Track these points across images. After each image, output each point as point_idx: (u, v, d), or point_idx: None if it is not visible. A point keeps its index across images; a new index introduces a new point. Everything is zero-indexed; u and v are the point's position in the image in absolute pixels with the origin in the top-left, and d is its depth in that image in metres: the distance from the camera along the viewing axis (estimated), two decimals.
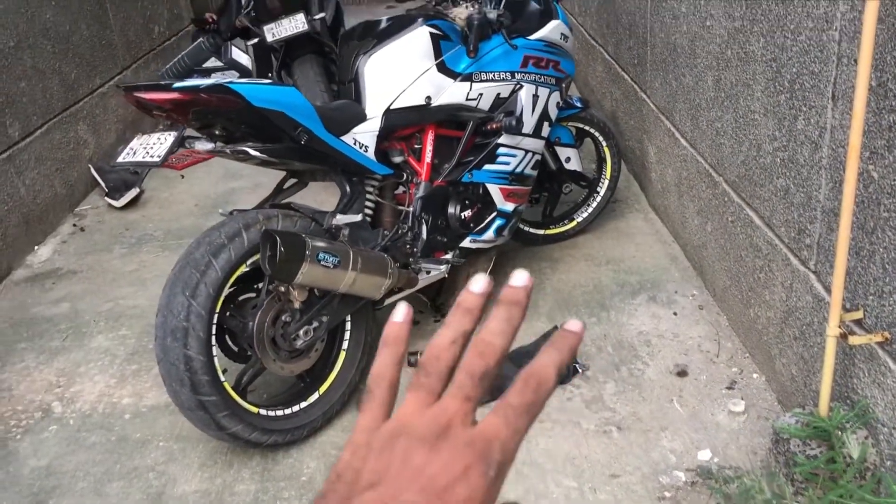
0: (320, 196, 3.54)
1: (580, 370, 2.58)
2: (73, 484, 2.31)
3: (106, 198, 4.31)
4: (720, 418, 2.33)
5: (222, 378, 2.19)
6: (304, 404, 2.40)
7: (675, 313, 2.86)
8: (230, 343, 2.37)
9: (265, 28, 3.95)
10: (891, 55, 1.65)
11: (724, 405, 2.37)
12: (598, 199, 3.42)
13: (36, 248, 3.88)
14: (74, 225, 4.12)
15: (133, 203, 4.29)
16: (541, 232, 3.36)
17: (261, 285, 2.32)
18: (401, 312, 0.51)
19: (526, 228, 3.29)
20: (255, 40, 4.06)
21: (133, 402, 2.66)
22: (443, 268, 2.62)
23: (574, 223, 3.42)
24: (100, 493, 2.27)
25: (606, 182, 3.41)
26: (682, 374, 2.53)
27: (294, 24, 3.93)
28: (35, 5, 4.09)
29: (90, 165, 4.47)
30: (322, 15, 4.07)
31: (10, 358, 2.97)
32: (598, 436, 2.31)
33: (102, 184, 4.39)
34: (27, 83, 3.94)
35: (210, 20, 5.58)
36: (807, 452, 1.85)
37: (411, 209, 2.60)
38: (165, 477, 2.31)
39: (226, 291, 2.19)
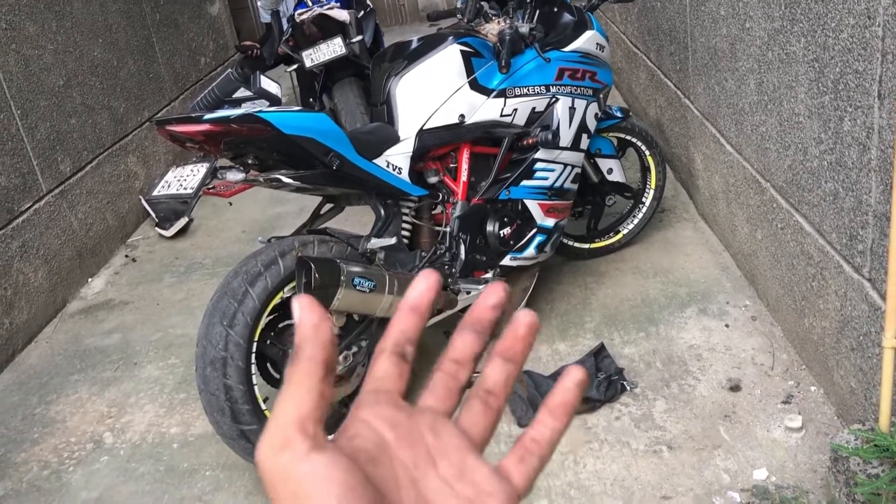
0: (363, 219, 3.54)
1: (628, 387, 2.50)
2: None
3: (156, 228, 4.40)
4: (776, 435, 2.23)
5: (263, 406, 2.19)
6: None
7: (726, 325, 2.76)
8: (272, 371, 2.37)
9: (304, 54, 4.00)
10: None
11: (780, 421, 2.27)
12: (644, 209, 3.34)
13: (89, 280, 3.97)
14: (126, 256, 4.20)
15: (183, 232, 4.36)
16: (585, 246, 3.30)
17: None
18: (426, 279, 0.44)
19: (570, 243, 3.23)
20: (297, 66, 4.11)
21: (181, 432, 2.68)
22: (482, 287, 2.58)
23: (620, 235, 3.34)
24: None
25: (652, 192, 3.33)
26: (735, 388, 2.44)
27: (332, 49, 3.96)
28: (83, 43, 4.21)
29: (140, 197, 4.56)
30: (360, 38, 4.10)
31: (65, 390, 3.03)
32: (648, 456, 2.23)
33: (153, 214, 4.47)
34: (77, 119, 4.05)
35: (253, 49, 5.69)
36: (868, 471, 1.75)
37: (449, 229, 2.57)
38: None
39: (264, 320, 2.20)
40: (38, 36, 3.79)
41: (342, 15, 4.03)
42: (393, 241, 2.36)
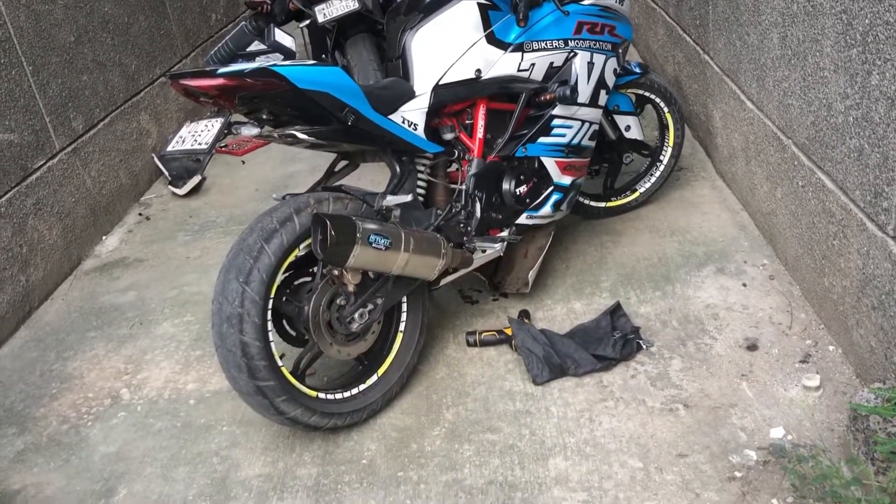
0: (377, 177, 3.52)
1: (644, 346, 2.49)
2: (141, 469, 2.36)
3: (169, 186, 4.39)
4: (794, 394, 2.22)
5: (279, 363, 2.19)
6: (362, 387, 2.39)
7: (744, 284, 2.74)
8: (287, 328, 2.37)
9: (316, 9, 3.92)
10: None
11: (797, 380, 2.26)
12: (662, 168, 3.30)
13: (104, 238, 3.97)
14: (140, 214, 4.20)
15: (196, 190, 4.34)
16: (602, 205, 3.26)
17: (315, 269, 2.31)
18: None
19: (586, 201, 3.20)
20: (308, 22, 4.04)
21: (197, 388, 2.70)
22: (498, 246, 2.56)
23: (636, 194, 3.31)
24: (167, 479, 2.30)
25: (669, 150, 3.28)
26: (752, 347, 2.42)
27: (345, 4, 3.89)
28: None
29: (153, 155, 4.55)
30: None
31: (81, 346, 3.05)
32: (664, 414, 2.23)
33: (165, 172, 4.46)
34: (89, 76, 4.02)
35: (263, 4, 5.60)
36: (888, 430, 1.74)
37: (464, 187, 2.54)
38: (229, 462, 2.33)
39: (280, 276, 2.19)
40: None
41: None
42: (409, 198, 2.34)
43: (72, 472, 2.39)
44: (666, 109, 3.21)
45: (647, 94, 3.17)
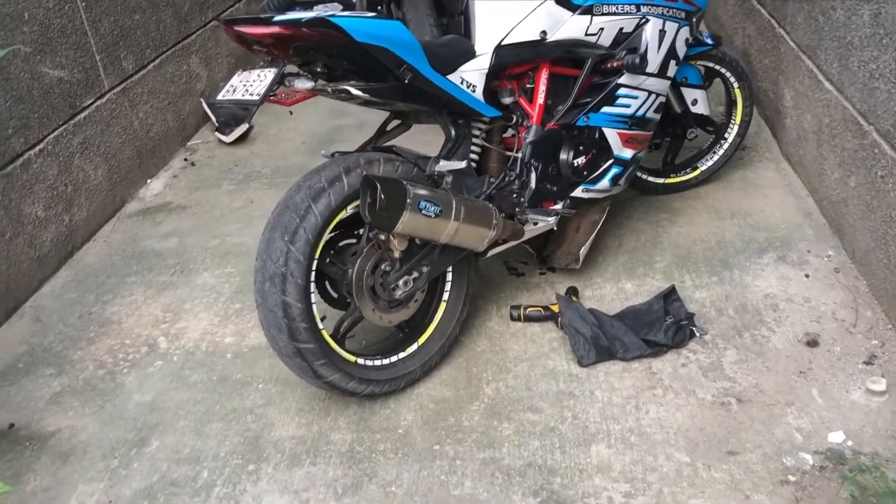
0: (425, 137, 3.41)
1: (697, 334, 2.38)
2: (174, 422, 2.33)
3: (216, 133, 4.33)
4: (856, 397, 2.10)
5: (320, 325, 2.13)
6: (402, 355, 2.32)
7: (806, 275, 2.60)
8: (330, 289, 2.31)
9: None
10: None
11: (861, 382, 2.14)
12: (726, 146, 3.15)
13: (148, 181, 3.94)
14: (185, 159, 4.16)
15: (242, 139, 4.29)
16: (660, 181, 3.13)
17: (361, 231, 2.23)
18: None
19: (644, 176, 3.07)
20: None
21: (235, 342, 2.66)
22: (551, 219, 2.45)
23: (697, 172, 3.16)
24: (200, 433, 2.27)
25: (736, 127, 3.12)
26: (812, 343, 2.30)
27: None
28: None
29: (202, 100, 4.49)
30: None
31: (121, 290, 3.03)
32: (716, 407, 2.13)
33: (213, 118, 4.40)
34: (141, 15, 3.95)
35: None
36: None
37: (520, 155, 2.43)
38: (263, 420, 2.29)
39: (325, 237, 2.11)
40: None
41: None
42: (463, 164, 2.24)
43: (106, 419, 2.37)
44: (736, 85, 3.05)
45: (717, 67, 3.00)
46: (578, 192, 2.58)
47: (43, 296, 3.06)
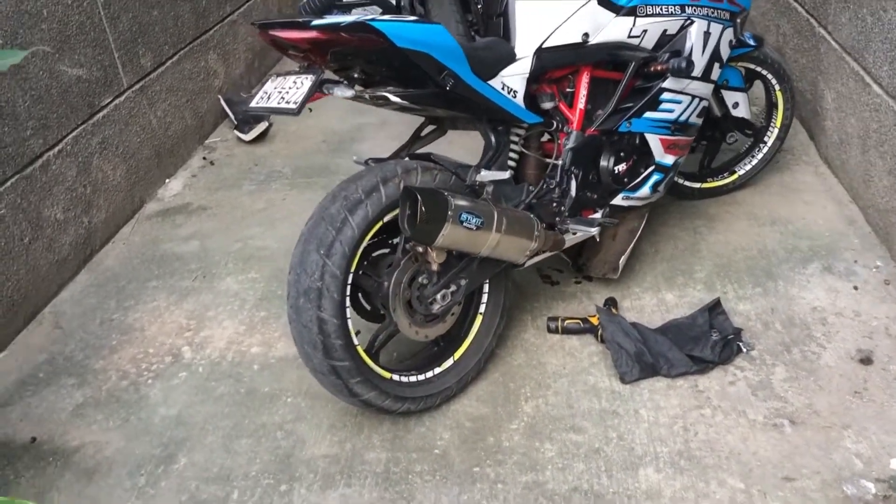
0: (455, 138, 3.32)
1: (744, 349, 2.29)
2: (202, 437, 2.25)
3: (235, 131, 4.25)
4: None
5: (356, 341, 2.04)
6: (437, 370, 2.24)
7: (855, 287, 2.51)
8: (363, 301, 2.22)
9: None
10: None
11: None
12: (765, 149, 3.05)
13: (167, 181, 3.86)
14: (204, 158, 4.07)
15: (261, 137, 4.20)
16: (697, 185, 3.03)
17: (395, 241, 2.15)
18: None
19: (680, 181, 2.97)
20: None
21: (262, 352, 2.58)
22: (593, 229, 2.35)
23: (735, 176, 3.07)
24: (229, 450, 2.20)
25: (776, 131, 3.03)
26: (866, 361, 2.21)
27: None
28: None
29: (220, 97, 4.40)
30: None
31: (142, 296, 2.95)
32: (768, 429, 2.04)
33: (231, 116, 4.32)
34: (159, 11, 3.86)
35: None
36: None
37: (560, 162, 2.34)
38: (294, 437, 2.21)
39: (361, 249, 2.03)
40: None
41: None
42: (507, 175, 2.15)
43: (131, 434, 2.30)
44: (777, 87, 2.95)
45: (758, 68, 2.90)
46: (618, 200, 2.49)
47: (62, 301, 2.99)
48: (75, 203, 3.15)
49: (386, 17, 1.87)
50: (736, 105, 2.85)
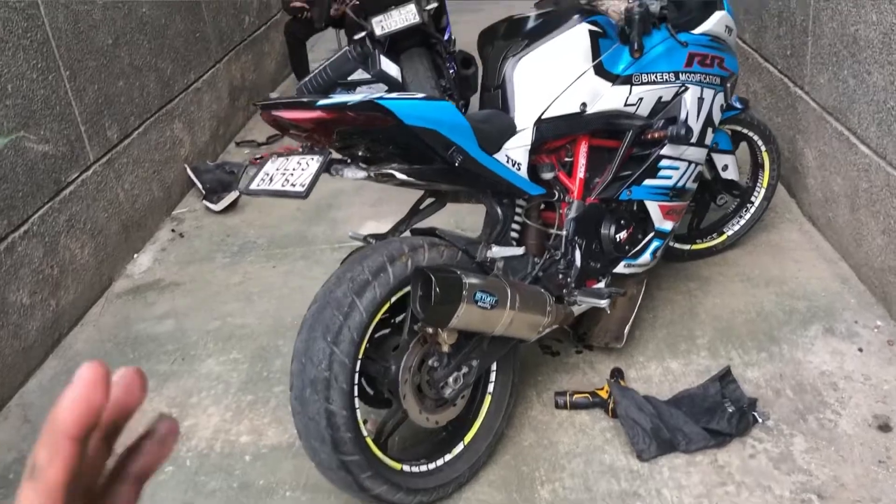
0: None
1: (760, 419, 2.23)
2: None
3: (203, 201, 4.12)
4: None
5: (364, 433, 1.92)
6: (448, 457, 2.12)
7: (859, 350, 2.48)
8: (366, 386, 2.10)
9: (373, 20, 3.67)
10: None
11: None
12: (752, 210, 3.05)
13: (135, 255, 3.70)
14: (173, 230, 3.93)
15: (232, 206, 4.08)
16: (686, 247, 3.01)
17: (398, 320, 2.05)
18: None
19: (670, 243, 2.94)
20: (363, 34, 3.78)
21: (252, 441, 2.43)
22: (603, 302, 2.28)
23: (724, 237, 3.05)
24: None
25: (763, 191, 3.03)
26: (884, 427, 2.17)
27: (405, 17, 3.64)
28: None
29: (186, 166, 4.28)
30: (434, 5, 3.77)
31: None
32: None
33: (199, 185, 4.19)
34: (125, 82, 3.75)
35: (303, 10, 5.35)
36: None
37: (564, 232, 2.28)
38: None
39: (369, 333, 1.92)
40: None
41: None
42: (521, 251, 2.08)
43: None
44: (763, 148, 2.96)
45: (744, 130, 2.92)
46: (620, 268, 2.44)
47: (30, 391, 2.80)
48: (42, 285, 2.98)
49: (393, 94, 1.80)
50: (725, 167, 2.85)
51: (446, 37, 4.21)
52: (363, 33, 3.73)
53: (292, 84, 6.13)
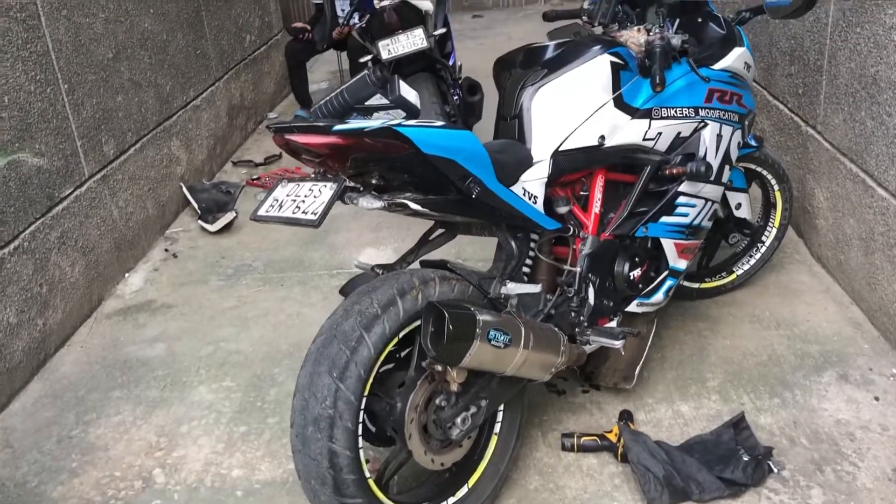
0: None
1: (775, 468, 2.15)
2: None
3: (199, 221, 4.02)
4: None
5: (367, 474, 1.83)
6: (452, 500, 2.02)
7: (876, 398, 2.41)
8: (367, 423, 2.00)
9: (380, 44, 3.62)
10: None
11: None
12: (763, 249, 2.99)
13: (126, 275, 3.60)
14: (166, 250, 3.83)
15: (227, 227, 3.99)
16: (695, 285, 2.94)
17: (403, 354, 1.96)
18: None
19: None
20: (369, 58, 3.72)
21: (244, 475, 2.32)
22: (618, 343, 2.19)
23: (733, 276, 2.99)
24: None
25: (774, 231, 2.97)
26: None
27: (412, 41, 3.59)
28: (134, 13, 3.82)
29: (182, 185, 4.19)
30: (442, 30, 3.73)
31: (106, 409, 2.67)
32: None
33: (195, 205, 4.10)
34: (123, 97, 3.67)
35: (304, 31, 5.30)
36: None
37: (578, 268, 2.20)
38: None
39: (376, 369, 1.83)
40: (90, 2, 3.40)
41: (425, 4, 3.66)
42: (537, 289, 2.00)
43: None
44: (777, 187, 2.91)
45: (758, 168, 2.86)
46: (633, 307, 2.36)
47: (12, 415, 2.68)
48: (30, 304, 2.87)
49: (411, 121, 1.73)
50: (739, 206, 2.79)
51: (451, 62, 4.17)
52: (368, 57, 3.67)
53: (291, 104, 6.08)
